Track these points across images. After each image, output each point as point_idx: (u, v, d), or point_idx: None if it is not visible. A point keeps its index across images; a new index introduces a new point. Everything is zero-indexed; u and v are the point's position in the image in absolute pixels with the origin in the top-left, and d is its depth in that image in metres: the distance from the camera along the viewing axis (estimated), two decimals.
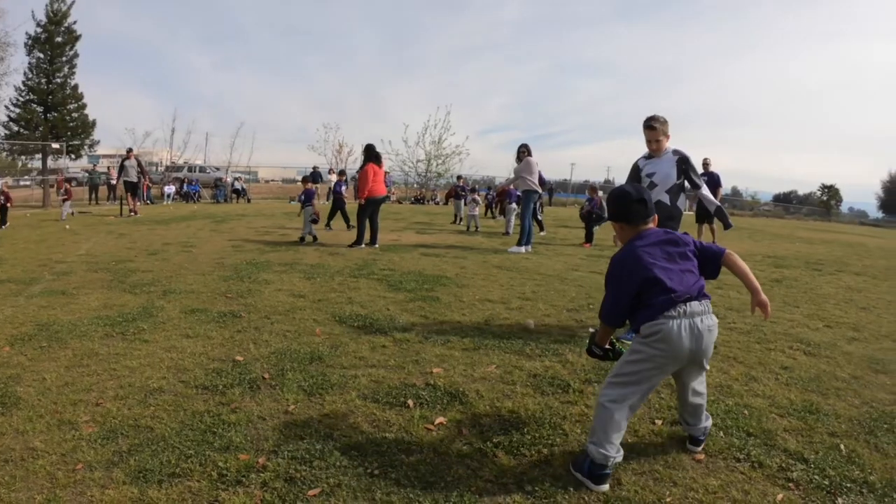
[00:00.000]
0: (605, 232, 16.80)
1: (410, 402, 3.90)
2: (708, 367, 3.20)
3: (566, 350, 5.29)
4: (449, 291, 7.64)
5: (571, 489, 3.01)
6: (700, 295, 2.99)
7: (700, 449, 3.42)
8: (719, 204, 5.89)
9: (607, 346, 3.40)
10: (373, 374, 4.39)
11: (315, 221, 12.77)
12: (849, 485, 3.21)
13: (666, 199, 5.38)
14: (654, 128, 5.34)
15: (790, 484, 3.19)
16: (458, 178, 28.22)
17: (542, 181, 12.57)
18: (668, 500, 2.98)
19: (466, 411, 3.88)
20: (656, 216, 3.29)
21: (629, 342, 3.20)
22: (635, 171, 5.61)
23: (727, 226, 5.88)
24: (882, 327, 7.07)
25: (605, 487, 3.01)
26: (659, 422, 3.87)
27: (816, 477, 3.26)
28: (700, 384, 3.30)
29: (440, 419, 3.67)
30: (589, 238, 14.64)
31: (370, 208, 11.95)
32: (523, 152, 12.42)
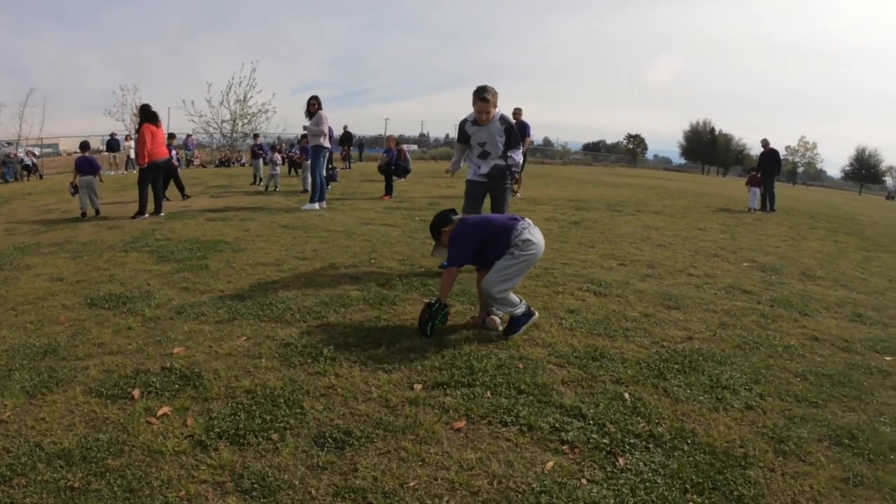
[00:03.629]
0: (407, 184, 16.48)
1: (136, 393, 3.37)
2: None
3: (329, 312, 4.71)
4: (222, 258, 6.82)
5: (296, 482, 2.53)
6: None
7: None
8: (516, 169, 6.21)
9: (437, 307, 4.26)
10: (106, 363, 3.82)
11: (73, 192, 11.23)
12: (632, 440, 2.87)
13: (501, 161, 5.95)
14: (486, 100, 5.61)
15: (564, 447, 2.80)
16: (255, 136, 26.88)
17: (348, 137, 11.93)
18: (411, 484, 2.49)
19: (198, 396, 3.32)
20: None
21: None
22: (464, 134, 6.03)
23: (513, 187, 6.24)
24: (677, 263, 7.18)
25: (535, 314, 4.44)
26: (418, 386, 3.37)
27: (595, 436, 2.89)
28: None
29: (164, 409, 3.19)
30: (388, 190, 14.15)
31: (151, 174, 10.95)
32: (313, 105, 11.77)
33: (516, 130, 5.98)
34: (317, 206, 11.71)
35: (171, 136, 15.77)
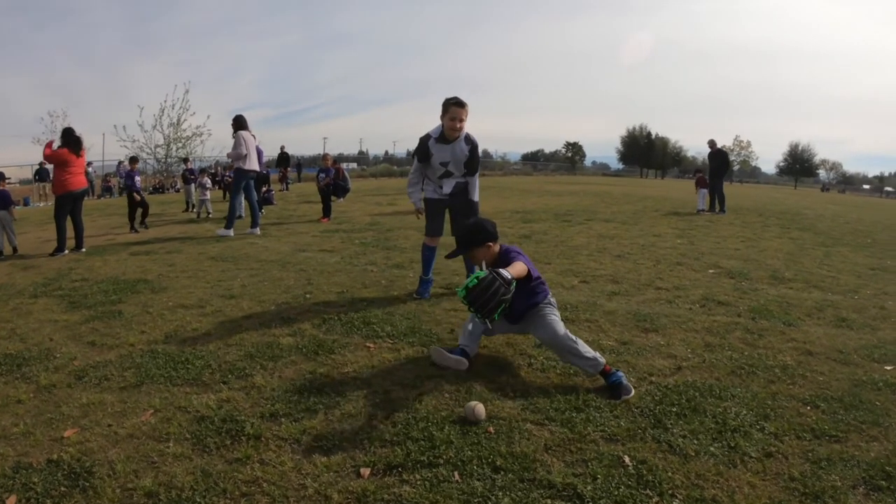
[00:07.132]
0: (346, 204, 15.84)
1: (11, 502, 2.52)
2: None
3: (255, 368, 3.96)
4: (139, 300, 6.01)
5: None
6: None
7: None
8: (476, 200, 5.99)
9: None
10: None
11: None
12: None
13: (462, 179, 5.83)
14: (463, 104, 5.44)
15: None
16: (185, 160, 25.78)
17: (284, 158, 11.28)
18: None
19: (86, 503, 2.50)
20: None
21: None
22: (425, 153, 5.71)
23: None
24: (641, 275, 6.70)
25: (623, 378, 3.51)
26: (366, 471, 2.63)
27: None
28: None
29: None
30: (327, 212, 13.43)
31: (69, 205, 9.99)
32: (232, 126, 11.24)
33: (479, 153, 5.85)
34: (231, 232, 11.11)
35: (134, 160, 14.60)
